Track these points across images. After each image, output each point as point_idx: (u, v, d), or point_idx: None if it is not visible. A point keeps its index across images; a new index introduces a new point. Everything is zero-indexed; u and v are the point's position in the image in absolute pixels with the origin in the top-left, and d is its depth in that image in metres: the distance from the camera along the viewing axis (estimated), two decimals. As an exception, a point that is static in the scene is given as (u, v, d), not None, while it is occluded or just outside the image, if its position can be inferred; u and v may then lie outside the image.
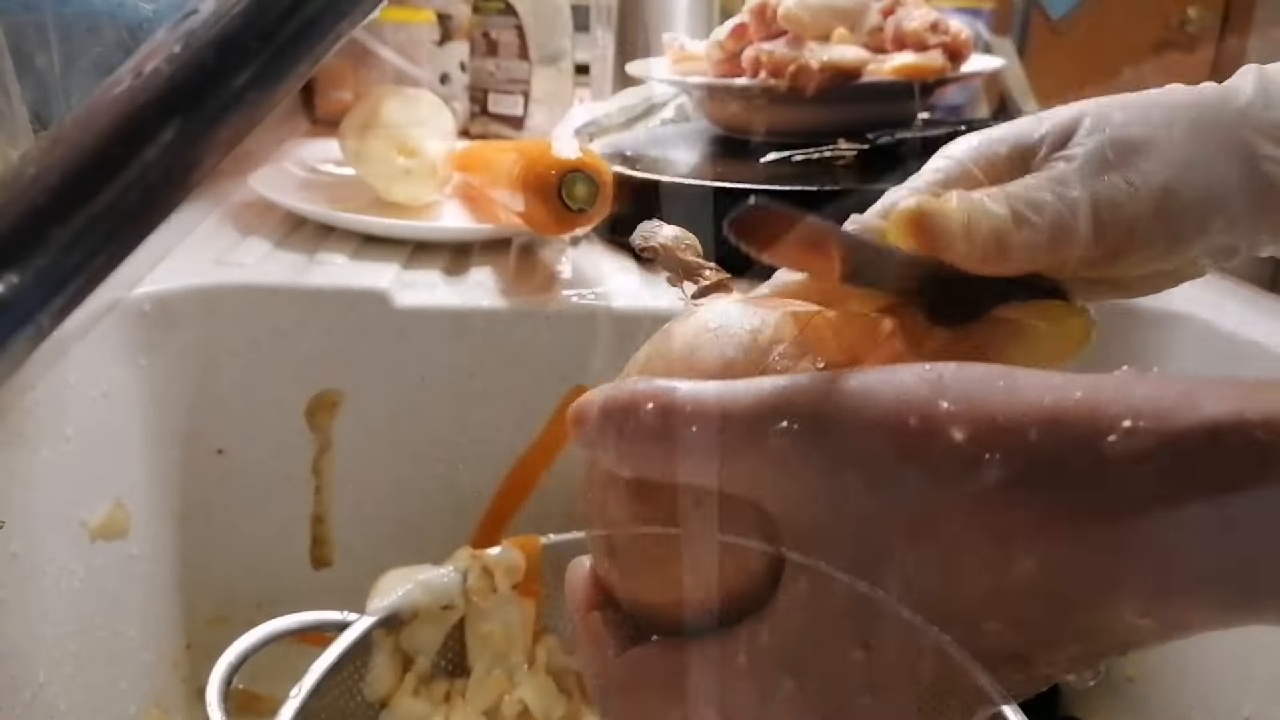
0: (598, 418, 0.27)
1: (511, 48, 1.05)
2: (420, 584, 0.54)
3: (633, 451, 0.26)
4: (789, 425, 0.24)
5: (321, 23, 0.28)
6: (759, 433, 0.24)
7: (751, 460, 0.24)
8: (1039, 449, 0.22)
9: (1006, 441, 0.22)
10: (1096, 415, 0.22)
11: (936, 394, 0.23)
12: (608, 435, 0.26)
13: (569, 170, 0.63)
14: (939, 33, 0.78)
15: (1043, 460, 0.22)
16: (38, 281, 0.26)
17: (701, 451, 0.25)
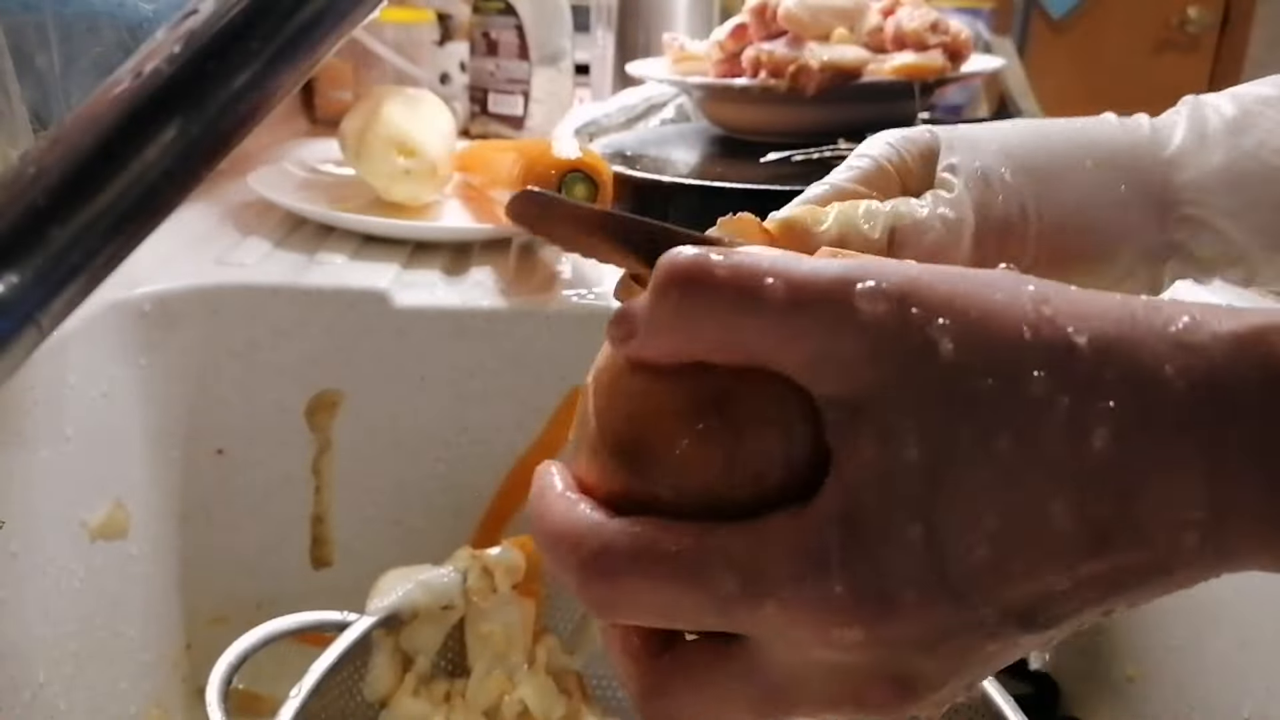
0: (663, 276, 0.24)
1: (511, 48, 1.05)
2: (420, 584, 0.54)
3: (699, 308, 0.24)
4: (877, 285, 0.23)
5: (321, 23, 0.28)
6: (845, 290, 0.23)
7: (830, 318, 0.23)
8: (1119, 326, 0.22)
9: (1090, 321, 0.23)
10: (1163, 311, 0.23)
11: (1020, 281, 0.23)
12: (671, 294, 0.24)
13: (569, 170, 0.63)
14: (939, 33, 0.79)
15: (1123, 336, 0.22)
16: (38, 281, 0.26)
17: (773, 311, 0.23)
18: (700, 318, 0.24)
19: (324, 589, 0.67)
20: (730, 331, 0.24)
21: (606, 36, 1.13)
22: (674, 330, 0.24)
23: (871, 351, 0.23)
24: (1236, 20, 2.96)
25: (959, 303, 0.23)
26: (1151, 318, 0.23)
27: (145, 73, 0.27)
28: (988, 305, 0.23)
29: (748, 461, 0.24)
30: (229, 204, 0.79)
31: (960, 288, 0.23)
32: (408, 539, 0.67)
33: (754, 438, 0.24)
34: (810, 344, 0.23)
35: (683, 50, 0.89)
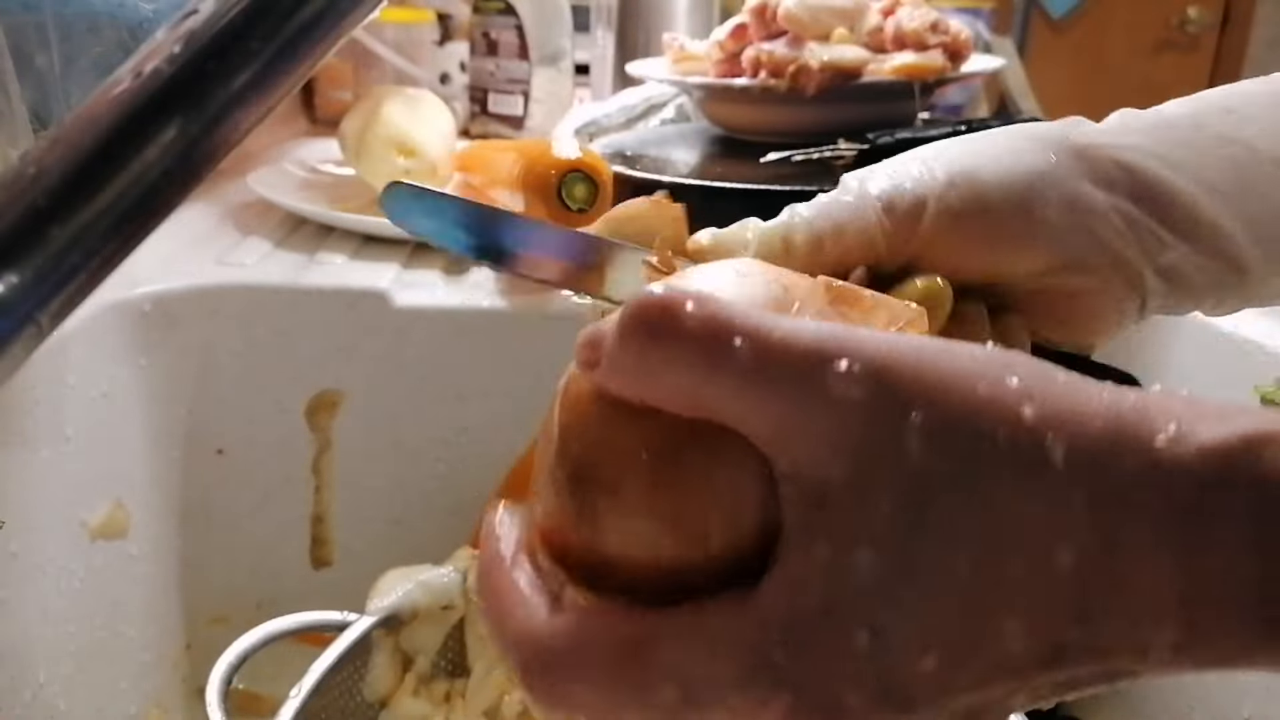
0: (629, 318, 0.23)
1: (511, 48, 1.05)
2: (420, 584, 0.54)
3: (662, 360, 0.23)
4: (850, 366, 0.22)
5: (321, 23, 0.28)
6: (817, 368, 0.22)
7: (798, 395, 0.22)
8: (1098, 441, 0.21)
9: (1069, 428, 0.21)
10: (1149, 416, 0.22)
11: (1007, 370, 0.22)
12: (635, 338, 0.23)
13: (569, 170, 0.63)
14: (939, 33, 0.79)
15: (1101, 451, 0.21)
16: (38, 281, 0.26)
17: (740, 376, 0.22)
18: (662, 370, 0.23)
19: (324, 589, 0.67)
20: (693, 388, 0.23)
21: (606, 36, 1.13)
22: (635, 375, 0.23)
23: (837, 442, 0.22)
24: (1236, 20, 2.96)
25: (936, 395, 0.22)
26: (1138, 426, 0.22)
27: (145, 73, 0.27)
28: (965, 401, 0.22)
29: (695, 519, 0.23)
30: (229, 204, 0.79)
31: (940, 376, 0.22)
32: (408, 539, 0.67)
33: (704, 496, 0.23)
34: (773, 416, 0.22)
35: (683, 50, 0.89)
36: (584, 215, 0.64)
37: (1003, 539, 0.21)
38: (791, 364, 0.22)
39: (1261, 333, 0.59)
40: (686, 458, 0.24)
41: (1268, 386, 0.56)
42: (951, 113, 1.30)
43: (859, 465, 0.22)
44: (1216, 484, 0.21)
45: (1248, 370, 0.58)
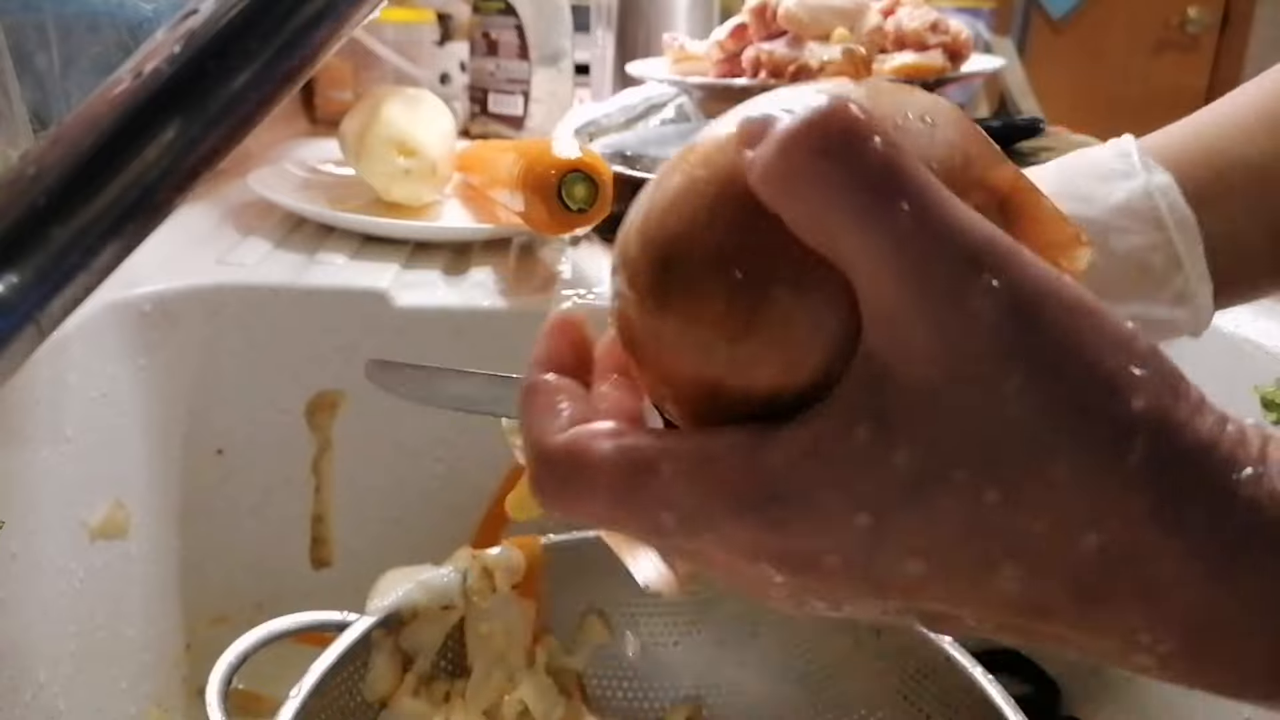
0: (809, 122, 0.21)
1: (511, 48, 1.05)
2: (420, 584, 0.54)
3: (823, 180, 0.21)
4: (998, 285, 0.21)
5: (321, 23, 0.28)
6: (968, 272, 0.21)
7: (934, 289, 0.21)
8: (1183, 457, 0.21)
9: (1162, 435, 0.21)
10: (1244, 447, 0.22)
11: (1141, 357, 0.22)
12: (806, 145, 0.21)
13: (569, 170, 0.63)
14: (939, 33, 0.79)
15: (1179, 470, 0.21)
16: (38, 281, 0.26)
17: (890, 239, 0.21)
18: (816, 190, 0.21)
19: (324, 589, 0.67)
20: (835, 224, 0.21)
21: (606, 36, 1.13)
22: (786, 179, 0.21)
23: (944, 349, 0.21)
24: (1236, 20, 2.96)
25: (1060, 354, 0.21)
26: (1230, 456, 0.22)
27: (145, 73, 0.27)
28: (1082, 368, 0.21)
29: (753, 350, 0.22)
30: (229, 204, 0.79)
31: (1076, 336, 0.21)
32: (408, 539, 0.67)
33: (774, 331, 0.22)
34: (898, 294, 0.21)
35: (683, 50, 0.89)
36: (584, 215, 0.64)
37: (1042, 497, 0.21)
38: (945, 255, 0.21)
39: (1261, 333, 0.59)
40: (778, 289, 0.22)
41: (1268, 386, 0.56)
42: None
43: (951, 381, 0.21)
44: (1260, 524, 0.21)
45: (1248, 370, 0.58)
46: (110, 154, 0.26)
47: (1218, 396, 0.23)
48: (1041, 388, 0.21)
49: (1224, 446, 0.22)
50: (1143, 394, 0.21)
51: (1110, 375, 0.21)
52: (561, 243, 0.74)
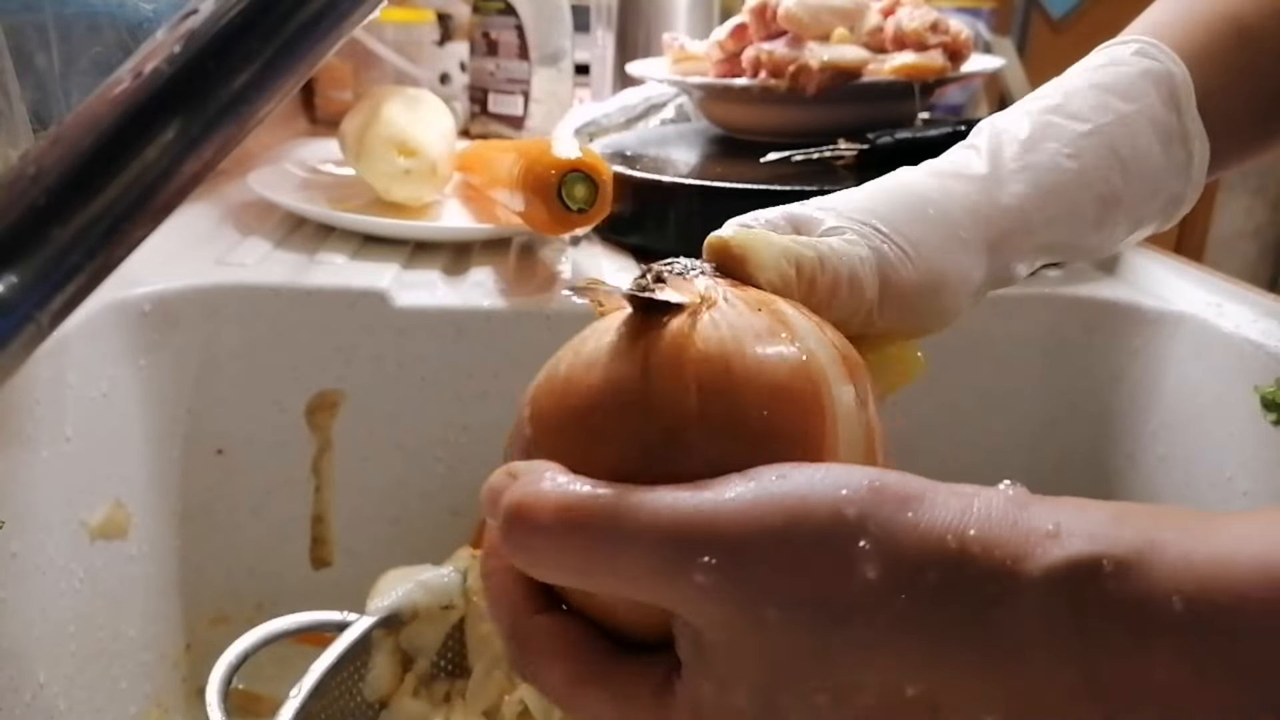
0: (503, 521, 0.27)
1: (511, 48, 1.05)
2: (420, 584, 0.54)
3: (544, 561, 0.27)
4: (710, 561, 0.25)
5: (321, 23, 0.28)
6: (683, 565, 0.25)
7: (669, 587, 0.25)
8: (935, 593, 0.24)
9: (910, 583, 0.24)
10: (988, 557, 0.24)
11: (858, 533, 0.24)
12: (510, 543, 0.27)
13: (569, 170, 0.63)
14: (939, 33, 0.78)
15: (933, 599, 0.24)
16: (38, 281, 0.26)
17: (613, 575, 0.26)
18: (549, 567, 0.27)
19: (324, 589, 0.67)
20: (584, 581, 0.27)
21: (606, 36, 1.13)
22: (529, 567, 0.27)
23: (710, 616, 0.25)
24: (1236, 20, 2.95)
25: (785, 574, 0.24)
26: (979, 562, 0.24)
27: (145, 73, 0.27)
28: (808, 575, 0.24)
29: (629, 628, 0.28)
30: (229, 204, 0.79)
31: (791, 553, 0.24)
32: (408, 539, 0.67)
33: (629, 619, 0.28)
34: (653, 595, 0.26)
35: (683, 50, 0.89)
36: (584, 215, 0.64)
37: (851, 683, 0.25)
38: (660, 558, 0.25)
39: (1261, 333, 0.59)
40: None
41: (1268, 386, 0.56)
42: (951, 113, 1.30)
43: (730, 634, 0.25)
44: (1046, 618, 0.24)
45: (1248, 370, 0.58)
46: (110, 154, 0.26)
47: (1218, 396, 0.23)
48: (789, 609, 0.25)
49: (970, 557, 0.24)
50: (871, 561, 0.24)
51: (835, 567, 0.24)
52: (561, 243, 0.74)
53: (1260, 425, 0.56)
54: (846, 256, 0.34)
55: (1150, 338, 0.66)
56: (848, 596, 0.24)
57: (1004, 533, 0.24)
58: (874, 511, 0.25)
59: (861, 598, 0.24)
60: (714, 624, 0.25)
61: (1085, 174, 0.40)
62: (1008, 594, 0.24)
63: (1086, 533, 0.24)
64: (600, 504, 0.26)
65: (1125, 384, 0.67)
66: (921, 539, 0.24)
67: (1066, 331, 0.68)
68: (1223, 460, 0.59)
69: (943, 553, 0.24)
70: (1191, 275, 0.71)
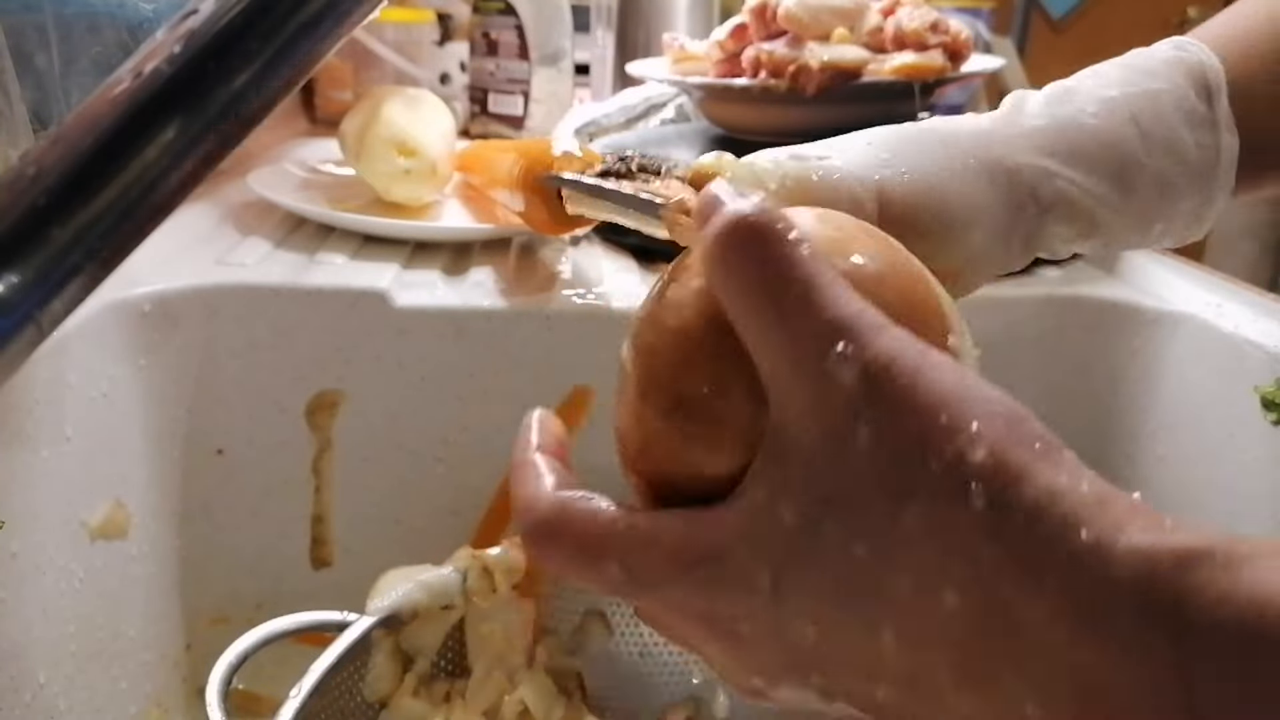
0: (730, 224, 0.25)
1: (511, 48, 1.05)
2: (420, 584, 0.54)
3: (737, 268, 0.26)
4: (849, 351, 0.24)
5: (321, 23, 0.28)
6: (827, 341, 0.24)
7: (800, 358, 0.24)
8: (1028, 508, 0.22)
9: (1005, 489, 0.22)
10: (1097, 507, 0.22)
11: (976, 411, 0.23)
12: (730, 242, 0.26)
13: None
14: (939, 33, 0.78)
15: (1023, 518, 0.22)
16: (38, 281, 0.26)
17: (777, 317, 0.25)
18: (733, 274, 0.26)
19: (324, 589, 0.67)
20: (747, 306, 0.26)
21: (606, 36, 1.13)
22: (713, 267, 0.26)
23: (812, 411, 0.24)
24: (1236, 20, 2.95)
25: (905, 409, 0.23)
26: (1074, 513, 0.22)
27: (145, 73, 0.27)
28: (923, 423, 0.23)
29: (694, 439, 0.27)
30: (229, 204, 0.79)
31: (921, 394, 0.23)
32: (408, 539, 0.67)
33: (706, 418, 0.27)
34: (781, 366, 0.25)
35: (683, 50, 0.89)
36: (584, 215, 0.64)
37: (900, 550, 0.23)
38: (810, 330, 0.24)
39: (1261, 333, 0.59)
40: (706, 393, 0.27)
41: (1268, 386, 0.56)
42: (951, 112, 1.30)
43: (821, 439, 0.24)
44: (1136, 590, 0.21)
45: (1248, 370, 0.58)
46: (110, 154, 0.26)
47: (1218, 396, 0.23)
48: (885, 441, 0.23)
49: (1067, 503, 0.22)
50: (981, 445, 0.23)
51: (946, 427, 0.23)
52: (561, 243, 0.74)
53: (1260, 425, 0.56)
54: (841, 175, 0.35)
55: (1150, 338, 0.66)
56: (943, 469, 0.23)
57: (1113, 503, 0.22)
58: (1000, 411, 0.24)
59: (954, 479, 0.23)
60: (815, 419, 0.24)
61: (1103, 131, 0.40)
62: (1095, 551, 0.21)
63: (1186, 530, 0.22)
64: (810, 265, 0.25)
65: (1125, 384, 0.67)
66: (1035, 460, 0.23)
67: (1066, 331, 0.68)
68: (1223, 460, 0.59)
69: (1046, 484, 0.22)
70: (1191, 275, 0.71)
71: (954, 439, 0.23)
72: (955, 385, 0.24)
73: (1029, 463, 0.23)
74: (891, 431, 0.23)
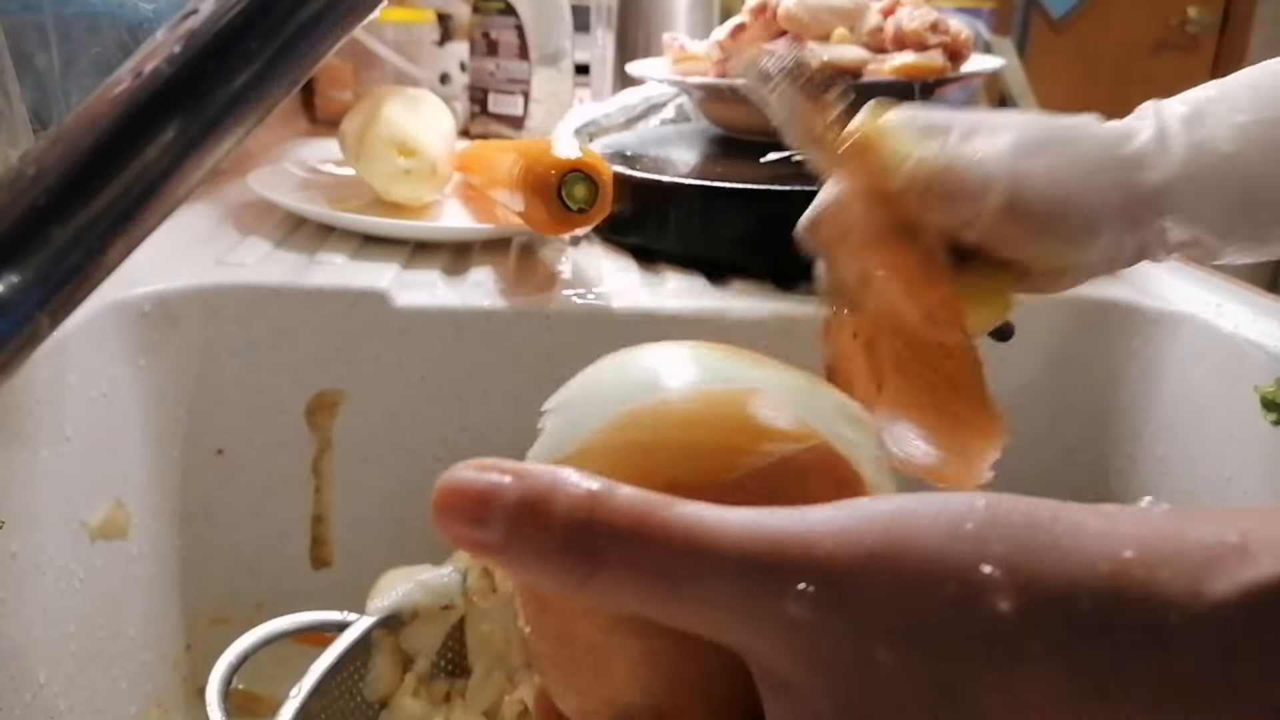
0: (503, 515, 0.21)
1: (511, 48, 1.05)
2: (420, 584, 0.54)
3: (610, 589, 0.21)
4: (806, 589, 0.20)
5: (321, 23, 0.28)
6: (774, 594, 0.20)
7: (754, 619, 0.21)
8: (1088, 621, 0.19)
9: (1052, 618, 0.19)
10: (1154, 581, 0.19)
11: (979, 555, 0.20)
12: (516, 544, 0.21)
13: (569, 170, 0.63)
14: (939, 33, 0.79)
15: (1089, 634, 0.19)
16: (38, 281, 0.26)
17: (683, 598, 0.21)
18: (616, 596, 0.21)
19: (324, 589, 0.67)
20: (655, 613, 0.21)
21: (606, 36, 1.13)
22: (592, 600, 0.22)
23: (804, 657, 0.21)
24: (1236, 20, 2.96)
25: (901, 602, 0.20)
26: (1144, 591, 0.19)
27: (145, 73, 0.27)
28: (931, 604, 0.20)
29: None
30: (229, 204, 0.79)
31: (907, 580, 0.20)
32: (408, 539, 0.67)
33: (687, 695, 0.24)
34: (737, 636, 0.21)
35: (683, 50, 0.89)
36: (584, 215, 0.64)
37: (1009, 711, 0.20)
38: (746, 584, 0.20)
39: (1261, 333, 0.59)
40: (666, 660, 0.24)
41: (1268, 386, 0.56)
42: (951, 113, 1.30)
43: (828, 677, 0.21)
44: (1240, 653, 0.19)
45: (1248, 370, 0.58)
46: (110, 154, 0.26)
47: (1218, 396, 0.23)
48: (902, 639, 0.20)
49: (1131, 585, 0.19)
50: (1005, 593, 0.20)
51: (960, 594, 0.20)
52: (561, 243, 0.74)
53: (1260, 425, 0.56)
54: (974, 164, 0.37)
55: (1150, 338, 0.66)
56: (976, 631, 0.20)
57: (1171, 550, 0.19)
58: (997, 532, 0.20)
59: (993, 634, 0.19)
60: (808, 663, 0.21)
61: (1237, 163, 0.40)
62: (1185, 624, 0.19)
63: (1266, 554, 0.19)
64: (677, 516, 0.21)
65: (1125, 384, 0.67)
66: (1062, 563, 0.20)
67: (1067, 331, 0.68)
68: (1223, 460, 0.59)
69: (1093, 579, 0.19)
70: (1191, 275, 0.71)
71: (976, 604, 0.20)
72: (933, 545, 0.20)
73: (1062, 576, 0.20)
74: (906, 630, 0.20)
